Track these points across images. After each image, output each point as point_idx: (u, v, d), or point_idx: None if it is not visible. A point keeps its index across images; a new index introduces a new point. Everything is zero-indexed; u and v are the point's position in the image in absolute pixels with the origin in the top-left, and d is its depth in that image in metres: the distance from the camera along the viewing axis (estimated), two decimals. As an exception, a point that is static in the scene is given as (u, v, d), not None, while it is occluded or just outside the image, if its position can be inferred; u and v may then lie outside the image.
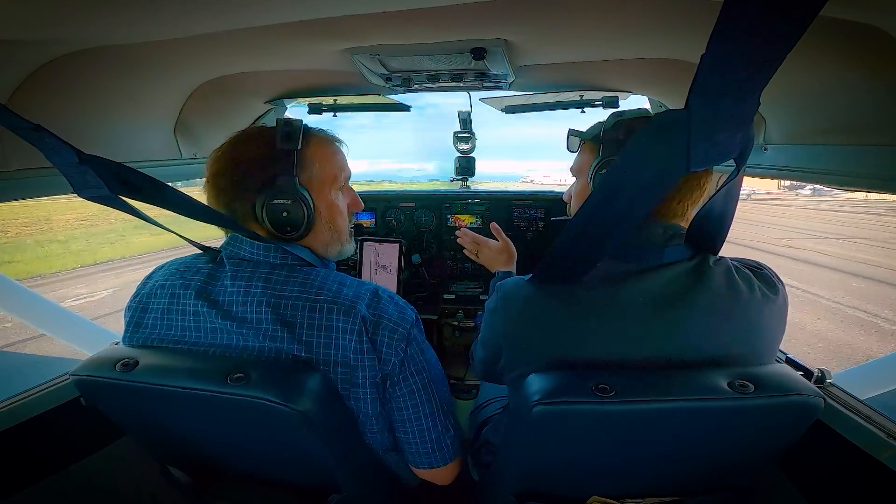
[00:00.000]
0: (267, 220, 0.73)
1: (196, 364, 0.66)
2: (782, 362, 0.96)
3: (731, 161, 0.56)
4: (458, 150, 2.01)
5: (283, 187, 0.73)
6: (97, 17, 0.67)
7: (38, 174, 0.89)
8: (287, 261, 0.75)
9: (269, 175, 0.73)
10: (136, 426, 0.82)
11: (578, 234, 0.61)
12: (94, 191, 0.64)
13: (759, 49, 0.42)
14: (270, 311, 0.68)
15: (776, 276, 0.76)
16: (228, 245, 0.76)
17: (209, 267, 0.75)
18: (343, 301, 0.70)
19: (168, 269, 0.78)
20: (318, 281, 0.72)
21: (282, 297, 0.70)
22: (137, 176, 0.63)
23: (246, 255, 0.74)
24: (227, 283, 0.71)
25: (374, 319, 0.71)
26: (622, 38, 1.01)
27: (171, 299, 0.73)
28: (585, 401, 0.58)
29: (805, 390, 0.60)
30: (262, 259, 0.74)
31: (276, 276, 0.72)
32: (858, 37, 0.67)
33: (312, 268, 0.76)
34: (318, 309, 0.69)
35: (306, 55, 1.09)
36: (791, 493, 0.88)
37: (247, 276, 0.72)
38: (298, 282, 0.71)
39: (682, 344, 0.68)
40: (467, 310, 1.91)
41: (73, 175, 0.63)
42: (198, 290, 0.72)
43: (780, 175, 1.07)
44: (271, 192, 0.72)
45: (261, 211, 0.73)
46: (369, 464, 0.80)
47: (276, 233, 0.75)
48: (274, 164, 0.74)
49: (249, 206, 0.74)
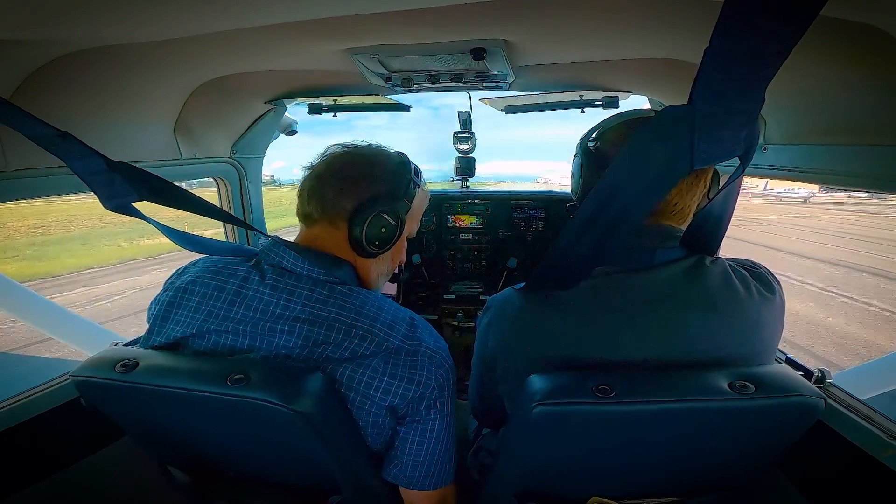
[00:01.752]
0: (367, 226, 0.74)
1: (196, 365, 0.66)
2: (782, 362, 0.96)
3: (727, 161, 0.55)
4: (457, 150, 2.01)
5: (398, 209, 0.77)
6: (97, 17, 0.67)
7: (37, 174, 0.89)
8: (329, 278, 0.74)
9: (387, 190, 0.76)
10: (135, 427, 0.82)
11: (576, 237, 0.61)
12: (122, 199, 0.63)
13: (763, 44, 0.42)
14: (305, 328, 0.68)
15: (772, 276, 0.76)
16: (270, 251, 0.75)
17: (246, 271, 0.74)
18: (378, 332, 0.69)
19: (202, 267, 0.77)
20: (358, 304, 0.71)
21: (319, 316, 0.69)
22: (162, 182, 0.63)
23: (288, 266, 0.73)
24: (266, 292, 0.70)
25: (411, 348, 0.70)
26: (622, 38, 1.01)
27: (203, 298, 0.72)
28: (586, 401, 0.58)
29: (805, 391, 0.60)
30: (306, 273, 0.73)
31: (318, 295, 0.71)
32: (858, 37, 0.67)
33: (352, 287, 0.75)
34: (353, 335, 0.68)
35: (306, 55, 1.09)
36: (791, 493, 0.88)
37: (288, 289, 0.71)
38: (338, 303, 0.70)
39: (680, 344, 0.67)
40: (467, 310, 1.91)
41: (99, 184, 0.62)
42: (233, 293, 0.71)
43: (780, 175, 1.07)
44: (387, 205, 0.75)
45: (368, 215, 0.74)
46: (369, 465, 0.79)
47: (363, 243, 0.75)
48: (396, 185, 0.78)
49: (353, 205, 0.74)
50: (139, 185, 0.62)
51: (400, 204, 0.78)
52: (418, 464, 0.74)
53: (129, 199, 0.63)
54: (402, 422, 0.73)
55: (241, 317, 0.70)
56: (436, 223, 1.99)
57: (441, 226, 1.99)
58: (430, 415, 0.72)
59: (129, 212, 0.66)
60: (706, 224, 0.70)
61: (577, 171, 0.84)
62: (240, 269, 0.74)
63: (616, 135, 0.80)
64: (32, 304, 2.33)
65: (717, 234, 0.72)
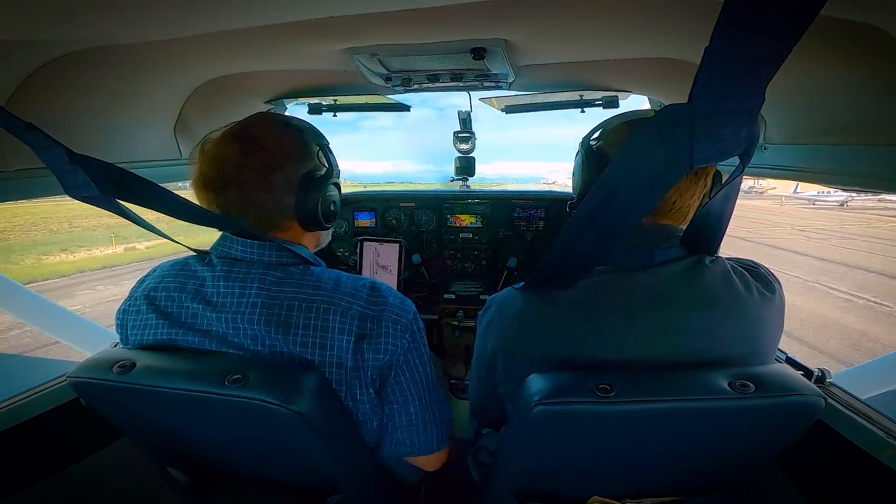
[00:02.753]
0: (321, 211, 0.76)
1: (194, 366, 0.65)
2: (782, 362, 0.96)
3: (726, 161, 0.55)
4: (457, 150, 2.01)
5: (335, 179, 0.78)
6: (97, 17, 0.67)
7: (37, 174, 0.89)
8: (282, 260, 0.74)
9: (313, 167, 0.76)
10: (134, 427, 0.82)
11: (576, 235, 0.61)
12: (84, 191, 0.63)
13: (763, 43, 0.42)
14: (265, 312, 0.68)
15: (772, 276, 0.76)
16: (219, 245, 0.75)
17: (201, 268, 0.74)
18: (339, 301, 0.70)
19: (161, 272, 0.77)
20: (314, 280, 0.72)
21: (277, 298, 0.69)
22: (129, 177, 0.63)
23: (238, 255, 0.73)
24: (221, 284, 0.70)
25: (376, 314, 0.71)
26: (622, 38, 1.01)
27: (167, 301, 0.72)
28: (586, 401, 0.58)
29: (805, 390, 0.60)
30: (257, 259, 0.73)
31: (272, 278, 0.71)
32: (858, 37, 0.67)
33: (307, 266, 0.75)
34: (315, 309, 0.68)
35: (306, 55, 1.09)
36: (791, 493, 0.88)
37: (241, 276, 0.71)
38: (294, 282, 0.71)
39: (680, 344, 0.67)
40: (467, 310, 1.91)
41: (64, 175, 0.63)
42: (193, 291, 0.71)
43: (780, 175, 1.07)
44: (328, 184, 0.77)
45: (314, 203, 0.75)
46: (369, 464, 0.80)
47: (323, 224, 0.78)
48: (315, 158, 0.77)
49: (293, 201, 0.74)
50: (101, 178, 0.62)
51: (335, 171, 0.79)
52: (404, 427, 0.77)
53: (92, 191, 0.63)
54: (381, 391, 0.75)
55: (203, 314, 0.70)
56: (436, 223, 1.99)
57: (441, 225, 1.99)
58: (395, 380, 0.75)
59: (97, 203, 0.66)
60: (706, 223, 0.70)
61: (578, 170, 0.85)
62: (196, 268, 0.74)
63: (617, 135, 0.80)
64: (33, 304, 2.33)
65: (716, 233, 0.72)
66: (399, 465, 0.86)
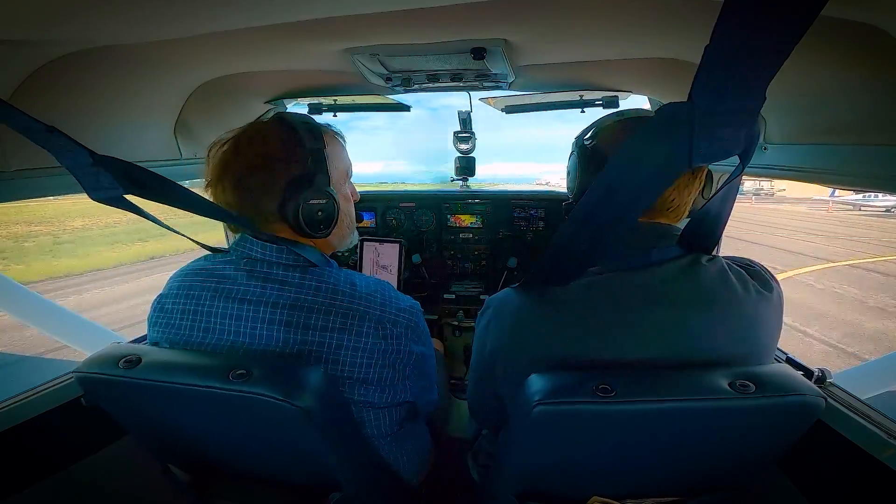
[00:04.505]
0: (303, 219, 0.73)
1: (199, 361, 0.66)
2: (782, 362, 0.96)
3: (725, 161, 0.55)
4: (457, 150, 2.01)
5: (320, 186, 0.74)
6: (97, 17, 0.67)
7: (37, 174, 0.89)
8: (299, 262, 0.75)
9: (298, 173, 0.74)
10: (137, 424, 0.83)
11: (573, 235, 0.61)
12: (107, 192, 0.64)
13: (763, 43, 0.42)
14: (286, 313, 0.70)
15: (769, 274, 0.76)
16: (239, 246, 0.77)
17: (223, 267, 0.76)
18: (357, 306, 0.72)
19: (184, 271, 0.79)
20: (332, 283, 0.74)
21: (298, 299, 0.71)
22: (149, 175, 0.63)
23: (258, 256, 0.75)
24: (243, 282, 0.73)
25: (391, 317, 0.74)
26: (622, 38, 1.01)
27: (187, 300, 0.74)
28: (586, 401, 0.58)
29: (806, 390, 0.60)
30: (276, 259, 0.75)
31: (292, 278, 0.73)
32: (858, 37, 0.67)
33: (322, 268, 0.76)
34: (334, 313, 0.71)
35: (306, 55, 1.09)
36: (791, 493, 0.88)
37: (262, 276, 0.73)
38: (313, 285, 0.73)
39: (678, 343, 0.67)
40: (467, 310, 1.91)
41: (86, 176, 0.64)
42: (215, 289, 0.73)
43: (780, 175, 1.07)
44: (308, 192, 0.73)
45: (295, 210, 0.72)
46: (370, 461, 0.80)
47: (307, 231, 0.74)
48: (303, 163, 0.74)
49: (276, 206, 0.73)
50: (122, 178, 0.63)
51: (322, 179, 0.75)
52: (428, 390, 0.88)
53: (115, 192, 0.63)
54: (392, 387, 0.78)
55: (223, 311, 0.72)
56: (436, 223, 1.99)
57: (441, 226, 1.99)
58: (414, 358, 0.79)
59: (119, 204, 0.67)
60: (704, 223, 0.70)
61: (573, 169, 0.84)
62: (217, 267, 0.76)
63: (612, 133, 0.80)
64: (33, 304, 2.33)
65: (714, 233, 0.72)
66: (400, 464, 0.86)
